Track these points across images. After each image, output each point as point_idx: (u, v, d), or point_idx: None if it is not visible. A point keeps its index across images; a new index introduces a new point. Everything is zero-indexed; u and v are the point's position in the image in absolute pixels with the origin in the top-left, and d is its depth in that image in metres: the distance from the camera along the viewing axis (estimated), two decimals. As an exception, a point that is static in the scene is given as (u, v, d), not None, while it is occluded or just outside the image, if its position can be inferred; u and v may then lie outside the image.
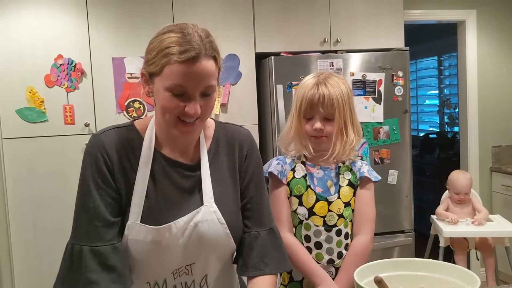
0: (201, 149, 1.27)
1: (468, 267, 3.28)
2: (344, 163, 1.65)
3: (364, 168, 1.65)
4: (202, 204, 1.22)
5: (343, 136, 1.60)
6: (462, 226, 2.75)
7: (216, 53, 1.14)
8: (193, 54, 1.08)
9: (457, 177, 2.91)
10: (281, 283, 1.68)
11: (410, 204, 3.23)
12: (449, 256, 2.84)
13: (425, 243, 3.03)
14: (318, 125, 1.57)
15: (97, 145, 1.19)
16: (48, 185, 2.90)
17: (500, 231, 2.70)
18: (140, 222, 1.17)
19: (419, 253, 3.15)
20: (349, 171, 1.65)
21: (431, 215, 2.96)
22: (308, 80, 1.62)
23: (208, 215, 1.21)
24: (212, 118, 1.35)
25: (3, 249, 2.94)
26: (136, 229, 1.16)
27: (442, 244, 2.77)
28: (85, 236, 1.15)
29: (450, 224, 2.75)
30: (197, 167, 1.26)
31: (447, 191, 3.02)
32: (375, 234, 1.69)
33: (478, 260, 3.12)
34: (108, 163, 1.18)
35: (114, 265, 1.14)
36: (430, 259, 1.24)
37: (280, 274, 1.68)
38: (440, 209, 2.91)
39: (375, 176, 1.66)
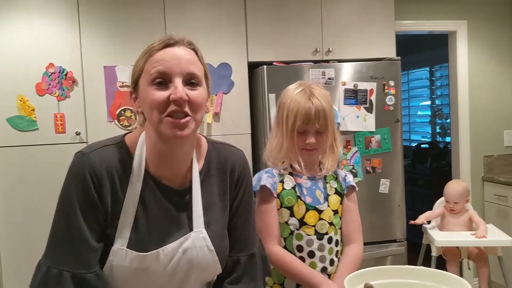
0: (193, 172, 1.21)
1: (461, 276, 3.27)
2: (329, 173, 1.68)
3: (350, 178, 1.70)
4: (191, 229, 1.18)
5: (333, 150, 1.64)
6: (455, 235, 2.75)
7: (196, 48, 1.16)
8: (171, 41, 1.12)
9: (448, 185, 2.92)
10: None
11: (402, 213, 3.22)
12: (441, 265, 2.83)
13: (418, 253, 3.01)
14: (312, 140, 1.58)
15: (85, 164, 1.11)
16: (39, 194, 2.86)
17: (493, 240, 2.69)
18: (127, 247, 1.11)
19: (412, 263, 3.12)
20: (335, 180, 1.68)
21: (423, 225, 2.95)
22: (297, 93, 1.59)
23: (197, 242, 1.17)
24: (205, 137, 1.31)
25: (-8, 259, 2.91)
26: (122, 255, 1.11)
27: (434, 253, 2.75)
28: (67, 260, 1.08)
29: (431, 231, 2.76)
30: (187, 191, 1.20)
31: (440, 199, 3.01)
32: (367, 243, 1.72)
33: (470, 269, 3.10)
34: (97, 184, 1.10)
35: None
36: (421, 267, 1.23)
37: (271, 287, 1.67)
38: (427, 212, 2.91)
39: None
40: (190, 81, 1.10)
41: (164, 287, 1.18)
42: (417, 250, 3.04)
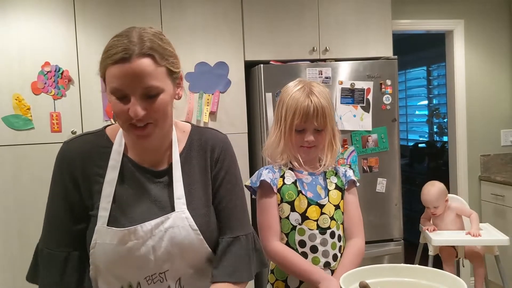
0: (173, 153, 1.25)
1: (458, 275, 3.27)
2: (328, 168, 1.68)
3: (349, 173, 1.70)
4: (172, 210, 1.21)
5: (333, 146, 1.64)
6: (452, 234, 2.75)
7: (154, 52, 1.10)
8: (124, 54, 1.07)
9: (423, 191, 2.87)
10: None
11: (399, 213, 3.22)
12: (438, 264, 2.83)
13: (415, 252, 3.01)
14: (311, 138, 1.59)
15: (63, 153, 1.22)
16: (34, 193, 2.85)
17: (490, 240, 2.69)
18: (107, 225, 1.16)
19: (409, 262, 3.10)
20: (335, 176, 1.68)
21: (420, 224, 2.96)
22: (296, 91, 1.60)
23: (179, 221, 1.20)
24: (189, 123, 1.35)
25: (-13, 258, 2.89)
26: (103, 233, 1.16)
27: (431, 252, 2.76)
28: (47, 239, 1.21)
29: (431, 232, 2.75)
30: (167, 172, 1.25)
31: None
32: (365, 243, 1.71)
33: (464, 266, 3.09)
34: (72, 171, 1.19)
35: (66, 272, 1.18)
36: (416, 265, 1.23)
37: (272, 284, 1.66)
38: (423, 218, 2.92)
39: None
40: (148, 93, 1.11)
41: (150, 268, 1.19)
42: (414, 250, 3.04)
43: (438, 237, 2.70)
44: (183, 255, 1.21)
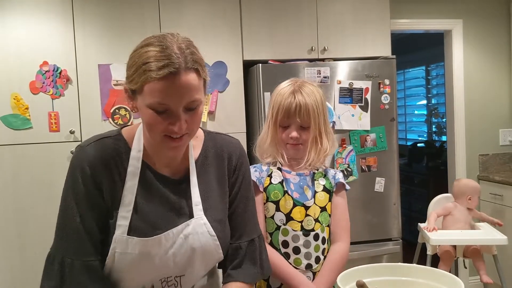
0: (190, 161, 1.25)
1: (456, 275, 3.27)
2: (318, 170, 1.67)
3: (339, 175, 1.69)
4: (191, 216, 1.21)
5: (318, 145, 1.63)
6: (450, 233, 2.74)
7: (197, 65, 1.08)
8: (172, 70, 1.02)
9: (467, 181, 2.94)
10: None
11: (398, 212, 3.22)
12: (436, 264, 2.83)
13: (413, 252, 3.01)
14: (294, 134, 1.58)
15: (83, 157, 1.16)
16: (33, 193, 2.85)
17: (489, 239, 2.69)
18: (127, 235, 1.14)
19: (407, 262, 3.10)
20: (323, 177, 1.67)
21: (419, 223, 2.95)
22: (284, 88, 1.62)
23: (198, 228, 1.20)
24: (201, 128, 1.33)
25: (-15, 258, 2.89)
26: (123, 242, 1.14)
27: (429, 252, 2.75)
28: (75, 251, 1.13)
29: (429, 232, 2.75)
30: (184, 179, 1.24)
31: (437, 198, 2.99)
32: (363, 242, 1.71)
33: (466, 268, 3.10)
34: (95, 176, 1.15)
35: (105, 279, 1.15)
36: (414, 264, 1.23)
37: (255, 284, 1.67)
38: (434, 213, 2.89)
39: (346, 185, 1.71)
40: (190, 106, 1.09)
41: (167, 272, 1.20)
42: (413, 249, 3.04)
43: (436, 237, 2.70)
44: (201, 260, 1.22)
